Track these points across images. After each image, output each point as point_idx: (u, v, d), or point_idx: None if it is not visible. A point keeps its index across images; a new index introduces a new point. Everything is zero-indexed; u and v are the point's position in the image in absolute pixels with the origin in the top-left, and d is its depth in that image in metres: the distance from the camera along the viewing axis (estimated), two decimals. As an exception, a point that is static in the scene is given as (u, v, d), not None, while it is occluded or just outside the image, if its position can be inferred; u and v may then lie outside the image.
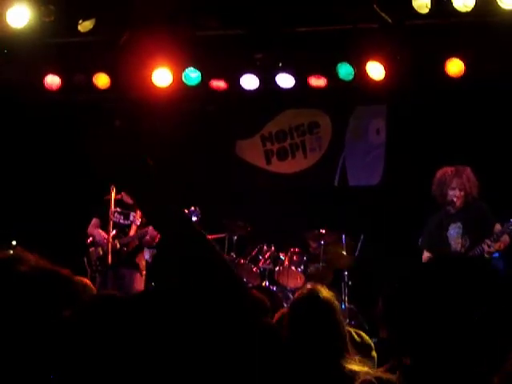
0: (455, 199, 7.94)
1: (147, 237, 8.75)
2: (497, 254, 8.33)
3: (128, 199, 8.93)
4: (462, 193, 7.98)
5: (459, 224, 8.00)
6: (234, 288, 2.46)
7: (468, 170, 8.06)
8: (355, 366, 3.50)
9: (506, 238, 7.71)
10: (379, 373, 3.18)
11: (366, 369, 3.46)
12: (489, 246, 7.62)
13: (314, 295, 3.70)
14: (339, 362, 3.47)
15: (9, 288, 2.53)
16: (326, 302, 3.66)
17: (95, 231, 8.84)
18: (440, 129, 10.45)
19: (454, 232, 8.00)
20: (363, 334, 4.31)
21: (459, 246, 7.94)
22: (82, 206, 9.78)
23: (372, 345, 4.43)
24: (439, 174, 8.13)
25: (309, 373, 3.38)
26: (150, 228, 8.65)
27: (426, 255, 8.16)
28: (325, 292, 3.75)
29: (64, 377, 2.41)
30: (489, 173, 9.24)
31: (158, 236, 8.71)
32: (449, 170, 8.08)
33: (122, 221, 8.84)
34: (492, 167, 9.69)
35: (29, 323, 2.46)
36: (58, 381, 2.42)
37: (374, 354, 4.32)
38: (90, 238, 8.91)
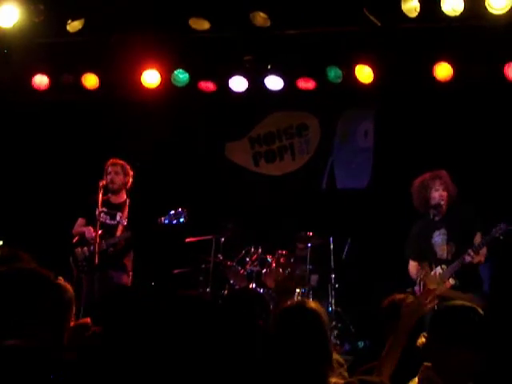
0: (442, 202, 7.91)
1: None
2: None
3: (115, 199, 8.91)
4: (446, 193, 7.94)
5: (443, 230, 7.95)
6: None
7: (444, 172, 8.05)
8: (338, 380, 3.48)
9: (484, 250, 7.68)
10: (363, 376, 3.19)
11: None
12: (472, 258, 7.58)
13: (301, 306, 3.65)
14: (324, 373, 3.43)
15: None
16: (313, 313, 3.60)
17: (84, 229, 8.77)
18: (428, 132, 10.47)
19: (439, 239, 7.96)
20: (335, 353, 4.22)
21: (445, 252, 7.90)
22: (68, 205, 9.75)
23: (344, 364, 4.34)
24: (417, 181, 8.09)
25: (293, 381, 3.35)
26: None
27: (412, 264, 8.13)
28: (313, 304, 3.70)
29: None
30: (478, 177, 9.28)
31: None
32: (426, 175, 8.06)
33: (108, 221, 8.80)
34: (481, 171, 9.72)
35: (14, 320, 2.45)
36: (58, 381, 2.42)
37: (345, 373, 4.20)
38: (76, 238, 8.85)
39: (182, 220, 8.67)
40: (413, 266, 8.09)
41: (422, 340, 3.64)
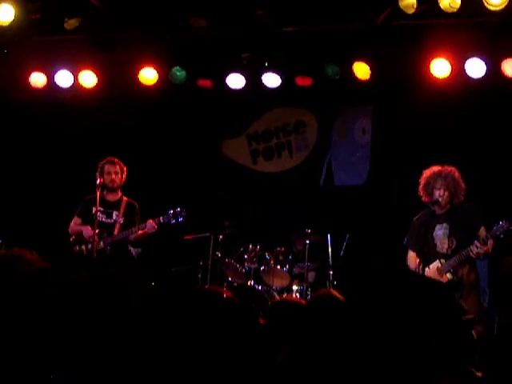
0: (440, 199, 7.92)
1: (131, 236, 8.73)
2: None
3: (110, 197, 8.89)
4: (447, 193, 7.94)
5: (445, 225, 7.96)
6: None
7: (454, 171, 8.03)
8: None
9: (491, 241, 7.65)
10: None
11: None
12: (477, 247, 7.55)
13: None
14: None
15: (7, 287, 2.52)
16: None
17: (82, 227, 8.76)
18: (425, 129, 10.46)
19: (441, 232, 7.96)
20: None
21: (445, 246, 7.91)
22: (63, 204, 9.73)
23: None
24: (426, 173, 8.10)
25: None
26: (136, 228, 8.66)
27: (410, 254, 8.14)
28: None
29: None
30: (474, 174, 9.26)
31: (143, 236, 8.72)
32: (435, 169, 8.05)
33: (104, 220, 8.79)
34: (478, 168, 9.70)
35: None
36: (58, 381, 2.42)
37: None
38: (73, 237, 8.84)
39: (180, 219, 8.68)
40: (411, 256, 8.09)
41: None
